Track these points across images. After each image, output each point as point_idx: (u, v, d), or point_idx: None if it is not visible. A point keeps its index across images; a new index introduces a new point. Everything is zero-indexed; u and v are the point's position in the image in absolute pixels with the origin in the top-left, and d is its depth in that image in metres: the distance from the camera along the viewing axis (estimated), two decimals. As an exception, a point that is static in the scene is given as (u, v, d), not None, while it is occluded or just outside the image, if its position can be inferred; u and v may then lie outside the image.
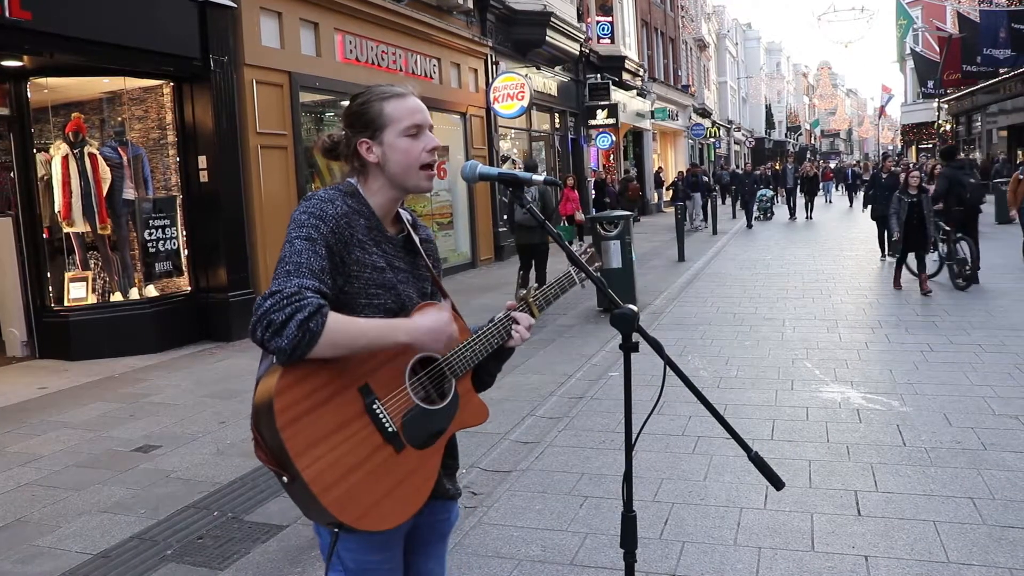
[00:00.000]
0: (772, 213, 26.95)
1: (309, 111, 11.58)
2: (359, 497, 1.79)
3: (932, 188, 11.50)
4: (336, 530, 1.86)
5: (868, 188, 17.08)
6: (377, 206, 2.01)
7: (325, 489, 1.73)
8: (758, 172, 31.29)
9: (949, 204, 11.18)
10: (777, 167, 31.38)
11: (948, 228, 10.86)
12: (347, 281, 1.89)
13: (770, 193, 27.72)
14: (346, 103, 2.09)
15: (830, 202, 35.23)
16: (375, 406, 1.85)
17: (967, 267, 10.65)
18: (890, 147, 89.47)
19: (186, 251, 9.61)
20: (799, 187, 26.26)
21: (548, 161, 21.85)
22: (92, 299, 8.85)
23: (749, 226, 23.32)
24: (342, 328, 1.74)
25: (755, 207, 24.91)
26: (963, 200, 11.23)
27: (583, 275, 2.30)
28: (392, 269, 2.00)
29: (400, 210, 2.11)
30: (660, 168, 33.76)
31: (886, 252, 14.24)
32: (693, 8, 42.80)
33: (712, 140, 46.06)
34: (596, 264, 2.38)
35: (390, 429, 1.87)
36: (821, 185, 33.82)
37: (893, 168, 15.23)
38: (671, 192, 24.92)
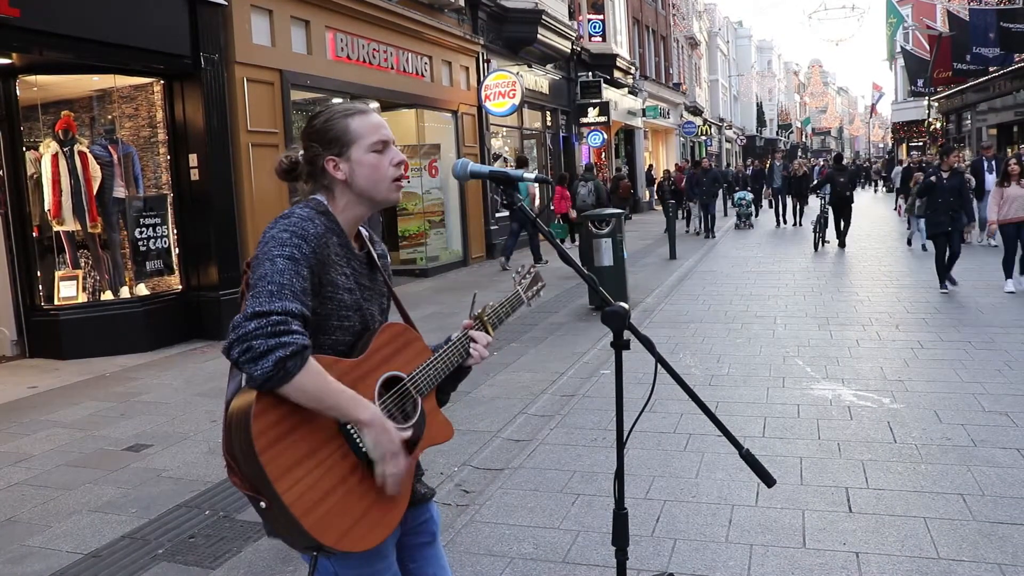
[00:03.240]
0: (751, 223, 23.04)
1: (300, 109, 11.54)
2: (338, 518, 1.78)
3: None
4: (315, 554, 1.82)
5: (921, 193, 11.76)
6: (344, 223, 2.00)
7: (305, 512, 1.71)
8: (734, 170, 29.25)
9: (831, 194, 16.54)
10: (765, 165, 29.56)
11: (827, 211, 16.54)
12: (321, 303, 1.87)
13: (750, 196, 23.46)
14: (338, 100, 2.08)
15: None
16: (349, 427, 1.84)
17: (826, 237, 16.55)
18: (881, 144, 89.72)
19: (177, 250, 9.58)
20: (787, 189, 22.48)
21: (540, 159, 21.85)
22: (82, 298, 8.81)
23: (711, 235, 20.13)
24: (314, 381, 1.72)
25: (706, 214, 20.73)
26: (836, 191, 16.37)
27: (530, 295, 2.42)
28: (359, 288, 2.00)
29: (360, 227, 2.11)
30: (651, 166, 33.81)
31: (945, 280, 10.42)
32: (684, 6, 42.86)
33: (703, 138, 46.14)
34: (540, 284, 2.48)
35: (364, 448, 1.86)
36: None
37: (958, 165, 10.83)
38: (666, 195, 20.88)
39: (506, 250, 14.99)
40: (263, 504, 1.73)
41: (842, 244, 16.32)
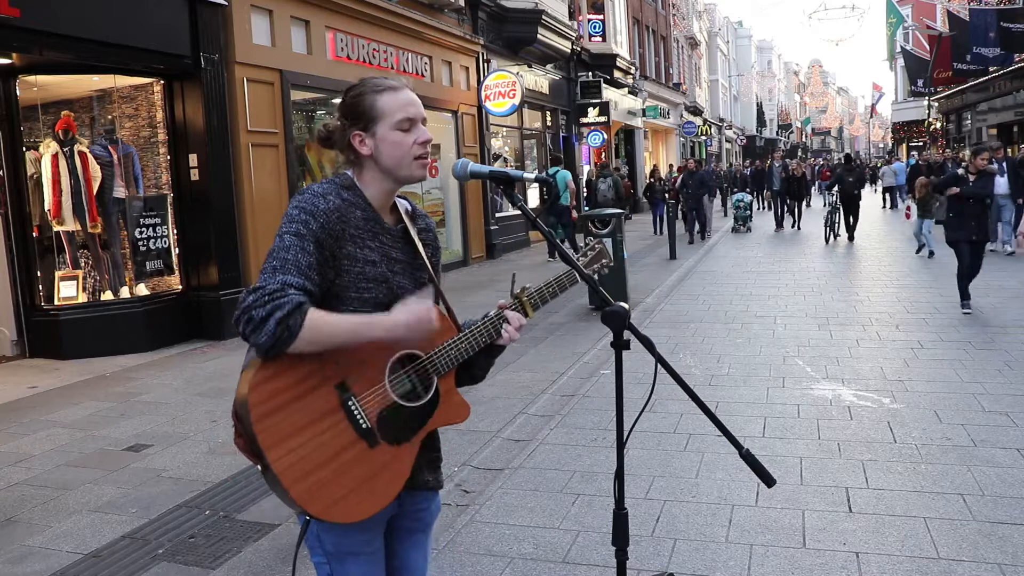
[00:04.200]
0: (749, 226, 21.73)
1: (300, 109, 11.56)
2: (327, 490, 1.85)
3: None
4: (308, 518, 1.90)
5: (940, 187, 9.68)
6: (373, 197, 2.03)
7: (294, 481, 1.80)
8: (733, 170, 28.67)
9: (839, 191, 17.81)
10: (765, 165, 28.74)
11: (839, 206, 17.86)
12: (338, 275, 1.92)
13: (748, 198, 22.27)
14: (337, 100, 2.10)
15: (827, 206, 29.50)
16: (350, 403, 1.89)
17: (837, 231, 17.90)
18: (881, 144, 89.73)
19: (177, 249, 9.58)
20: (786, 190, 21.34)
21: (539, 159, 21.85)
22: (82, 298, 8.81)
23: (691, 240, 18.89)
24: (320, 326, 1.80)
25: (691, 218, 19.43)
26: (843, 188, 17.53)
27: (590, 271, 2.27)
28: (388, 260, 2.02)
29: (397, 199, 2.13)
30: (655, 167, 33.82)
31: (965, 299, 8.98)
32: (684, 6, 42.86)
33: (703, 138, 46.15)
34: (604, 260, 2.32)
35: (364, 425, 1.91)
36: (815, 186, 33.46)
37: (987, 166, 9.20)
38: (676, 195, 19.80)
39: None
40: (259, 467, 1.82)
41: (851, 238, 17.58)
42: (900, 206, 27.98)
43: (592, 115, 23.58)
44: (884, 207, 28.54)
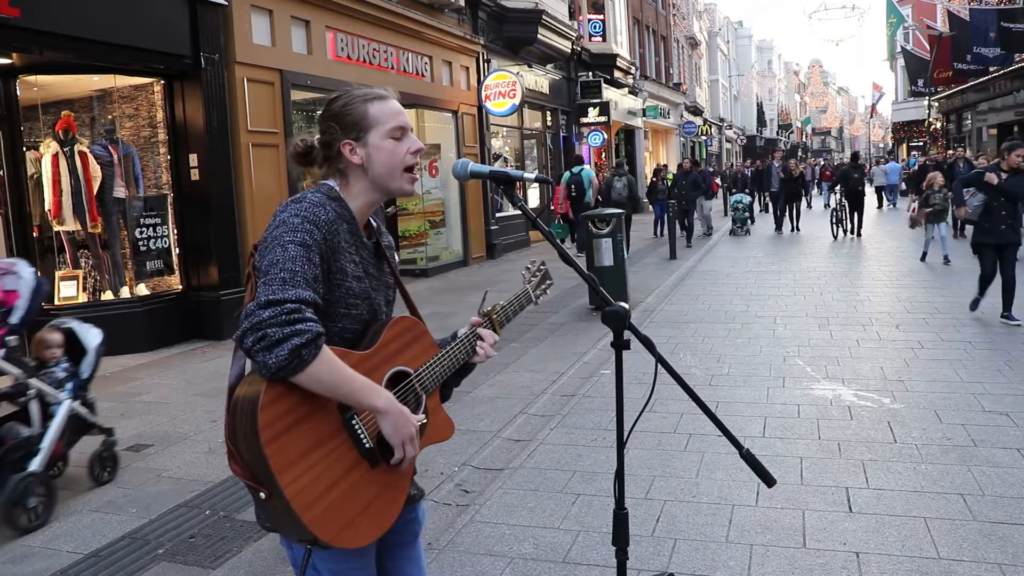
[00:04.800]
0: (748, 228, 21.11)
1: (300, 109, 11.55)
2: (337, 514, 1.77)
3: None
4: (308, 547, 1.82)
5: (969, 183, 8.78)
6: (357, 210, 1.99)
7: (306, 507, 1.71)
8: (733, 170, 28.42)
9: (844, 189, 18.55)
10: (764, 165, 27.88)
11: (844, 203, 18.43)
12: (329, 290, 1.87)
13: (747, 199, 21.62)
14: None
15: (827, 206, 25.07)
16: (354, 421, 1.83)
17: (845, 227, 18.37)
18: (881, 144, 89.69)
19: (177, 249, 9.58)
20: (784, 191, 20.73)
21: (540, 159, 21.84)
22: (83, 298, 8.81)
23: (688, 244, 18.15)
24: (329, 369, 1.72)
25: (684, 221, 18.52)
26: (849, 186, 18.30)
27: (538, 293, 2.41)
28: (367, 276, 2.00)
29: (369, 217, 2.11)
30: (657, 167, 33.78)
31: (1007, 312, 8.34)
32: (684, 6, 42.87)
33: (704, 138, 46.14)
34: (548, 283, 2.48)
35: (367, 445, 1.85)
36: (815, 187, 33.44)
37: (1021, 163, 8.18)
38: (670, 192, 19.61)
39: (578, 240, 15.87)
40: (263, 495, 1.72)
41: (858, 234, 18.18)
42: (900, 205, 28.04)
43: (592, 115, 23.57)
44: (880, 207, 28.55)
